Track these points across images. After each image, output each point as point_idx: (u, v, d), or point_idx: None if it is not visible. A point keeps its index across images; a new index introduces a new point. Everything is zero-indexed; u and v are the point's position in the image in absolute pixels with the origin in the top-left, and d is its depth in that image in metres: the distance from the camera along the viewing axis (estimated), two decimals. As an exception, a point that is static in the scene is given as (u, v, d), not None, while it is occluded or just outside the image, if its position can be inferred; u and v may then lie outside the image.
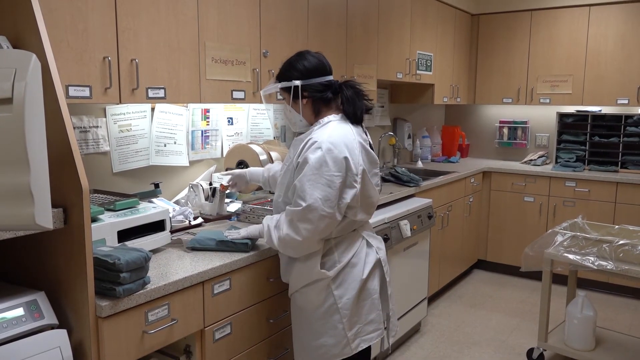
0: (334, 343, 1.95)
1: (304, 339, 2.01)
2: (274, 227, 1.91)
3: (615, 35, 4.36)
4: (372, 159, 1.99)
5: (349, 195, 1.86)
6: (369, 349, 2.11)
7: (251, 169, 2.45)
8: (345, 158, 1.84)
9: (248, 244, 2.01)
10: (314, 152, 1.82)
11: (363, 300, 2.00)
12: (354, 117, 1.96)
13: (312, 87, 1.94)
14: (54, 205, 1.41)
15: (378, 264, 2.06)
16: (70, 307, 1.57)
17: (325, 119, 1.96)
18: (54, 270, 1.59)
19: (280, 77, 1.99)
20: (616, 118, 4.45)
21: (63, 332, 1.50)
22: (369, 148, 1.99)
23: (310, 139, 1.88)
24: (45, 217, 1.24)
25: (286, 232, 1.85)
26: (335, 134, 1.87)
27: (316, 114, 1.99)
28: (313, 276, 1.93)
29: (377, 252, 2.06)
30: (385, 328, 2.14)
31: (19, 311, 1.45)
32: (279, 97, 2.07)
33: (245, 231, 2.04)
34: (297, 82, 1.93)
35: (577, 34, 4.53)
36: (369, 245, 2.05)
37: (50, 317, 1.50)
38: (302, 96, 1.94)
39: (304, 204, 1.80)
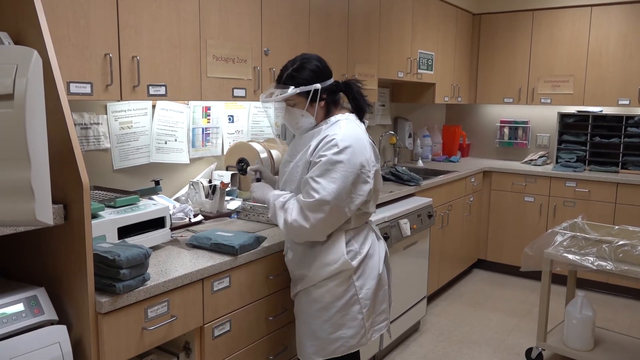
0: (352, 334, 1.99)
1: (320, 333, 2.00)
2: (280, 208, 1.93)
3: (617, 36, 4.36)
4: (377, 155, 2.05)
5: (365, 190, 1.90)
6: (357, 354, 2.15)
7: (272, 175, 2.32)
8: (360, 155, 1.88)
9: (235, 248, 1.96)
10: (331, 149, 1.86)
11: (378, 290, 2.05)
12: (363, 113, 2.04)
13: (328, 88, 1.98)
14: (54, 202, 1.41)
15: (386, 255, 2.14)
16: (70, 303, 1.57)
17: (333, 118, 1.99)
18: (54, 266, 1.59)
19: (294, 82, 1.93)
20: (617, 119, 4.44)
21: (63, 328, 1.50)
22: (374, 144, 2.06)
23: (326, 136, 1.91)
24: (45, 213, 1.24)
25: (294, 217, 1.87)
26: (349, 132, 1.92)
27: (327, 115, 2.02)
28: (338, 267, 1.95)
29: (384, 245, 2.15)
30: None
31: (19, 307, 1.46)
32: (276, 97, 1.96)
33: (255, 193, 2.08)
34: (318, 85, 1.93)
35: (579, 35, 4.52)
36: (377, 237, 2.12)
37: (50, 313, 1.51)
38: (320, 98, 1.96)
39: (317, 196, 1.83)
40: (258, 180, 2.19)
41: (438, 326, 3.67)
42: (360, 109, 2.05)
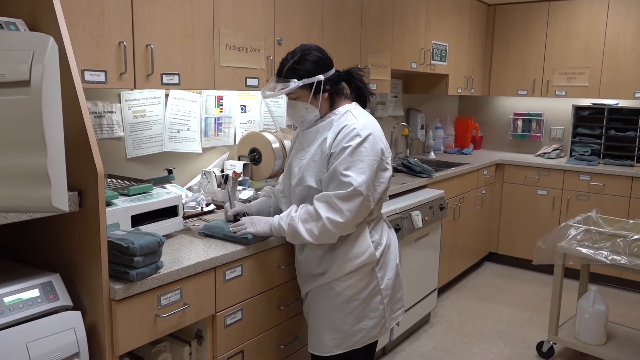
0: (374, 325, 1.99)
1: (342, 326, 1.98)
2: (299, 222, 1.87)
3: (635, 27, 4.28)
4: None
5: (385, 177, 1.91)
6: (375, 344, 2.14)
7: (252, 205, 2.21)
8: (380, 142, 1.89)
9: (248, 238, 1.96)
10: (354, 139, 1.85)
11: (396, 279, 2.07)
12: (366, 102, 2.02)
13: (330, 79, 1.94)
14: (69, 189, 1.41)
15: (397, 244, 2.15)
16: (84, 290, 1.58)
17: (342, 109, 1.97)
18: (69, 253, 1.60)
19: (296, 75, 1.89)
20: (633, 112, 4.38)
21: (77, 314, 1.52)
22: None
23: (345, 126, 1.89)
24: (61, 200, 1.25)
25: (326, 215, 1.83)
26: (366, 120, 1.91)
27: (331, 106, 1.99)
28: (365, 259, 1.94)
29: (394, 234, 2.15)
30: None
31: (35, 292, 1.47)
32: (279, 91, 1.91)
33: (253, 229, 1.96)
34: (321, 77, 1.90)
35: (596, 25, 4.45)
36: (389, 226, 2.13)
37: (64, 299, 1.52)
38: (323, 90, 1.92)
39: (350, 188, 1.81)
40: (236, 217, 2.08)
41: (448, 318, 3.67)
42: (363, 98, 2.03)
